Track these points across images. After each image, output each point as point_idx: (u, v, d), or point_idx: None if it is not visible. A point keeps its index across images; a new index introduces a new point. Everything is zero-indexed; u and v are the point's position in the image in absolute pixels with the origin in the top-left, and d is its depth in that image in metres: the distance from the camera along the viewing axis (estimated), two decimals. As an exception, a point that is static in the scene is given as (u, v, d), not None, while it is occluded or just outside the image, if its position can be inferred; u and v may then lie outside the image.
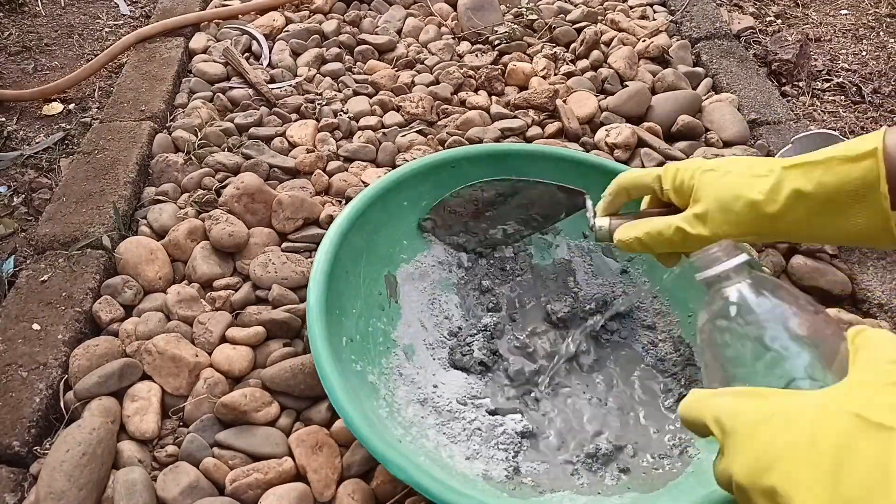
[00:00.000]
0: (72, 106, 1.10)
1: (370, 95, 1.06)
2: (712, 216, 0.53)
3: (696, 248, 0.53)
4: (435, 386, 0.68)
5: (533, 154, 0.80)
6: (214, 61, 1.11)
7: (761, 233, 0.52)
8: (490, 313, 0.74)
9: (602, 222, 0.61)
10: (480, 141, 0.95)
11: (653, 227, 0.57)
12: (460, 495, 0.52)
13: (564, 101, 1.03)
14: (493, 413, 0.66)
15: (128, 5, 1.35)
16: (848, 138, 0.97)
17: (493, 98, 1.06)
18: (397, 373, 0.67)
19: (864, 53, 1.24)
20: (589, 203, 0.66)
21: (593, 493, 0.60)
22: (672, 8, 1.28)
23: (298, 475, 0.63)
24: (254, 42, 1.16)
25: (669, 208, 0.58)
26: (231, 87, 1.06)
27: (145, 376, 0.69)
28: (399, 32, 1.21)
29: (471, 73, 1.09)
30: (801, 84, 1.16)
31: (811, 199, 0.49)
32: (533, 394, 0.69)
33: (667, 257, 0.61)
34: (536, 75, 1.09)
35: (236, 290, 0.77)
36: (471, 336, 0.71)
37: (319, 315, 0.61)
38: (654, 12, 1.28)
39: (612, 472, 0.62)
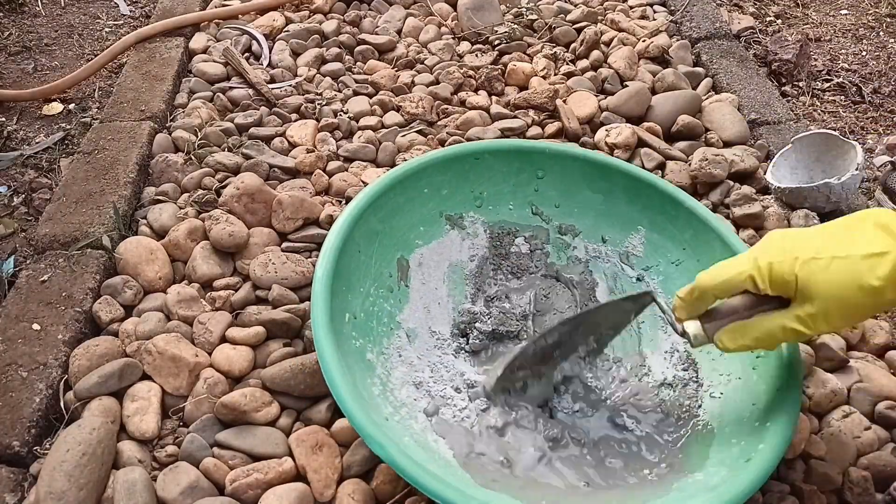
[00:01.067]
0: (72, 106, 1.10)
1: (370, 95, 1.06)
2: (831, 314, 0.51)
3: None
4: (432, 371, 0.68)
5: (559, 154, 0.80)
6: (214, 61, 1.11)
7: (874, 313, 0.52)
8: (499, 306, 0.74)
9: (694, 329, 0.58)
10: (480, 140, 0.95)
11: (763, 332, 0.54)
12: (437, 480, 0.52)
13: (564, 101, 1.03)
14: (485, 405, 0.66)
15: (128, 5, 1.35)
16: (848, 138, 0.97)
17: (493, 98, 1.06)
18: (397, 354, 0.67)
19: (864, 53, 1.24)
20: (660, 300, 0.62)
21: (577, 496, 0.60)
22: (672, 8, 1.28)
23: (298, 475, 0.63)
24: (254, 42, 1.16)
25: (760, 297, 0.55)
26: (231, 87, 1.06)
27: (145, 376, 0.69)
28: (399, 32, 1.21)
29: (471, 73, 1.09)
30: (801, 84, 1.16)
31: None
32: (529, 389, 0.69)
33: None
34: (536, 75, 1.09)
35: (236, 290, 0.77)
36: (475, 328, 0.71)
37: (324, 287, 0.61)
38: (654, 12, 1.28)
39: (598, 475, 0.62)
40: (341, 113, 1.01)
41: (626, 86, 1.05)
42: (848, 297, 0.50)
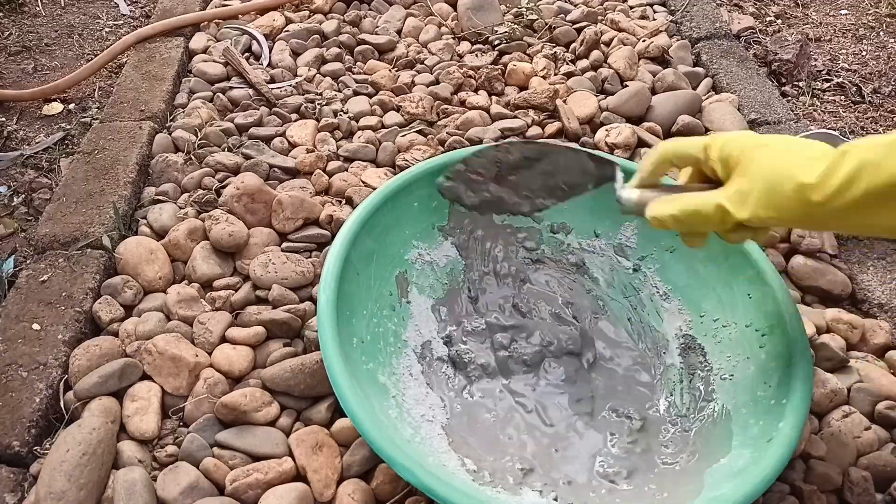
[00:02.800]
0: (72, 106, 1.10)
1: (370, 95, 1.06)
2: (757, 196, 0.49)
3: (730, 229, 0.52)
4: (447, 385, 0.68)
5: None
6: (214, 61, 1.11)
7: (804, 221, 0.49)
8: (498, 315, 0.74)
9: (631, 194, 0.58)
10: (481, 141, 0.95)
11: (691, 203, 0.53)
12: (468, 498, 0.52)
13: (564, 101, 1.03)
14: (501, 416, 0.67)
15: (128, 5, 1.35)
16: (848, 138, 0.97)
17: (493, 98, 1.06)
18: (408, 373, 0.67)
19: (864, 53, 1.24)
20: (619, 174, 0.63)
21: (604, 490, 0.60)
22: (672, 8, 1.28)
23: (298, 475, 0.63)
24: (254, 42, 1.16)
25: (709, 184, 0.55)
26: (231, 87, 1.06)
27: (145, 376, 0.69)
28: (399, 32, 1.21)
29: (471, 73, 1.09)
30: (801, 84, 1.16)
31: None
32: (536, 396, 0.69)
33: (696, 238, 0.58)
34: (536, 75, 1.09)
35: (236, 290, 0.77)
36: (477, 338, 0.72)
37: (330, 318, 0.61)
38: (654, 12, 1.28)
39: (603, 492, 0.62)
40: (341, 113, 1.01)
41: (626, 86, 1.05)
42: (776, 186, 0.49)
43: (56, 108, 1.09)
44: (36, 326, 0.72)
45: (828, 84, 1.17)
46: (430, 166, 0.76)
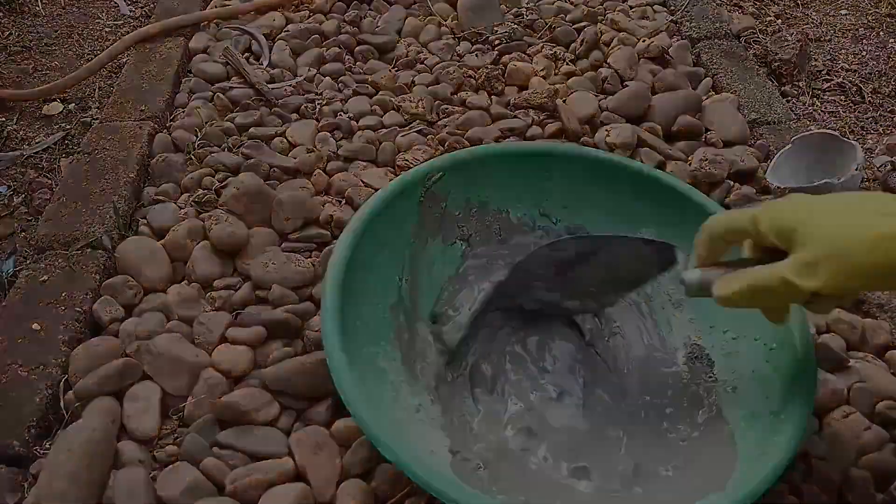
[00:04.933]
0: (72, 106, 1.10)
1: (370, 95, 1.06)
2: (825, 264, 0.45)
3: (809, 300, 0.48)
4: (447, 373, 0.68)
5: (564, 155, 0.80)
6: (214, 61, 1.11)
7: (884, 284, 0.45)
8: (505, 308, 0.74)
9: (692, 275, 0.55)
10: (481, 141, 0.95)
11: (756, 279, 0.50)
12: (451, 486, 0.52)
13: (564, 101, 1.03)
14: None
15: (128, 5, 1.35)
16: (848, 138, 0.97)
17: (494, 98, 1.06)
18: (409, 359, 0.67)
19: (864, 53, 1.24)
20: (681, 257, 0.61)
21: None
22: (672, 8, 1.28)
23: (298, 475, 0.63)
24: (254, 42, 1.16)
25: (774, 255, 0.50)
26: (231, 87, 1.06)
27: (145, 376, 0.69)
28: (399, 32, 1.20)
29: (471, 73, 1.09)
30: (801, 84, 1.16)
31: None
32: (536, 395, 0.69)
33: (774, 312, 0.55)
34: (536, 75, 1.09)
35: (236, 290, 0.77)
36: (480, 329, 0.72)
37: (334, 301, 0.61)
38: (654, 12, 1.28)
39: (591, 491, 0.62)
40: (341, 113, 1.01)
41: (626, 86, 1.05)
42: (845, 249, 0.45)
43: (56, 108, 1.09)
44: (36, 326, 0.72)
45: (828, 84, 1.17)
46: (446, 161, 0.75)
